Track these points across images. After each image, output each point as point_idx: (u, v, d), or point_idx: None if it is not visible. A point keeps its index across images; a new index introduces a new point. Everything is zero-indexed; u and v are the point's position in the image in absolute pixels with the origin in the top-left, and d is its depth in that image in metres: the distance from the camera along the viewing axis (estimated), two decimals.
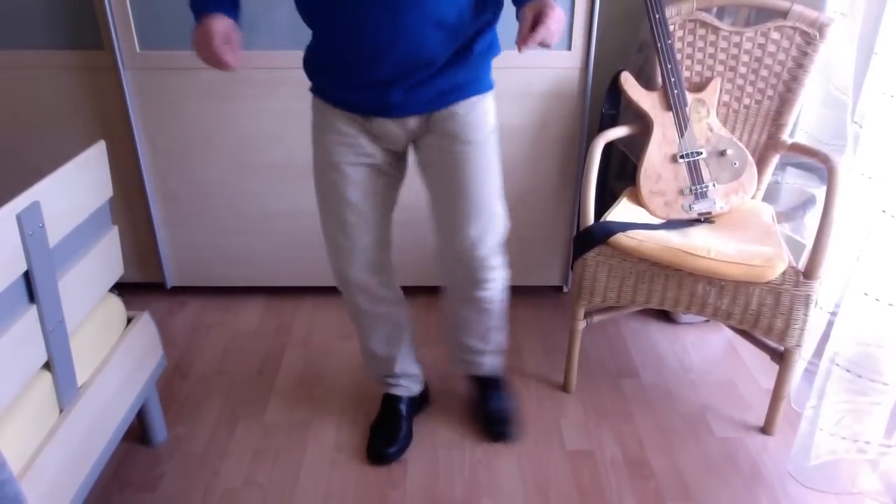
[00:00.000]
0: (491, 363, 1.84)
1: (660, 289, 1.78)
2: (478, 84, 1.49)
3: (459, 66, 1.43)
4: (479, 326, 1.73)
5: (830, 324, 1.77)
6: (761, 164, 1.98)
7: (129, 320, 1.67)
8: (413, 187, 1.69)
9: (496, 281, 1.63)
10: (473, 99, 1.48)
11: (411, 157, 1.60)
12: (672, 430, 1.87)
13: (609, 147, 2.20)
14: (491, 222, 1.54)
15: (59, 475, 1.32)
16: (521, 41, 1.24)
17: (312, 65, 1.49)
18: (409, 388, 1.85)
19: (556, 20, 1.24)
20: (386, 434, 1.78)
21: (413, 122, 1.48)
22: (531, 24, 1.24)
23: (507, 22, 1.49)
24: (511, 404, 1.87)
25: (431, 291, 2.04)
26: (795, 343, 1.71)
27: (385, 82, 1.40)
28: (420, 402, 1.90)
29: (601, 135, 1.94)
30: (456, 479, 1.71)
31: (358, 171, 1.51)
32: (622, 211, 1.88)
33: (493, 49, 1.50)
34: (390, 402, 1.84)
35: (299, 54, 2.13)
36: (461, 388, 1.98)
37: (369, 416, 1.90)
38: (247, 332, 2.27)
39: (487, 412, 1.85)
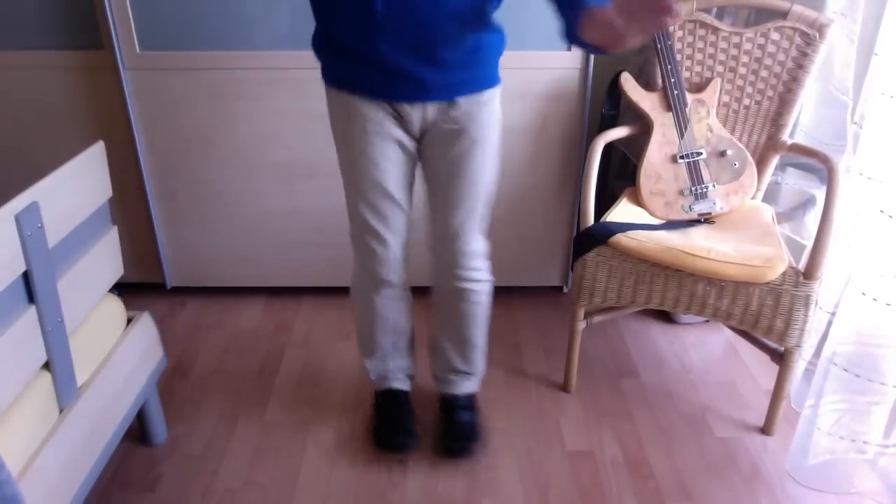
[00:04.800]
0: (467, 387, 1.83)
1: (660, 289, 1.78)
2: (488, 77, 1.50)
3: (471, 59, 1.45)
4: (463, 332, 1.73)
5: (831, 324, 1.77)
6: (761, 164, 1.98)
7: (129, 320, 1.67)
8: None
9: (480, 273, 1.64)
10: (484, 93, 1.49)
11: None
12: (672, 430, 1.87)
13: (609, 147, 2.21)
14: (476, 218, 1.58)
15: (59, 475, 1.32)
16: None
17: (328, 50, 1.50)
18: (405, 381, 1.86)
19: None
20: (399, 423, 1.79)
21: (434, 107, 1.48)
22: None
23: (510, 19, 1.50)
24: (477, 424, 1.81)
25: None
26: (795, 343, 1.71)
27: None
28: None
29: (601, 135, 1.94)
30: (456, 479, 1.71)
31: (391, 155, 1.52)
32: (622, 211, 1.88)
33: (502, 44, 1.51)
34: (395, 395, 1.83)
35: (299, 54, 2.14)
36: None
37: (369, 415, 1.90)
38: (247, 332, 2.28)
39: (450, 426, 1.79)
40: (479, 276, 1.65)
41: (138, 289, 2.42)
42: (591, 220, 1.84)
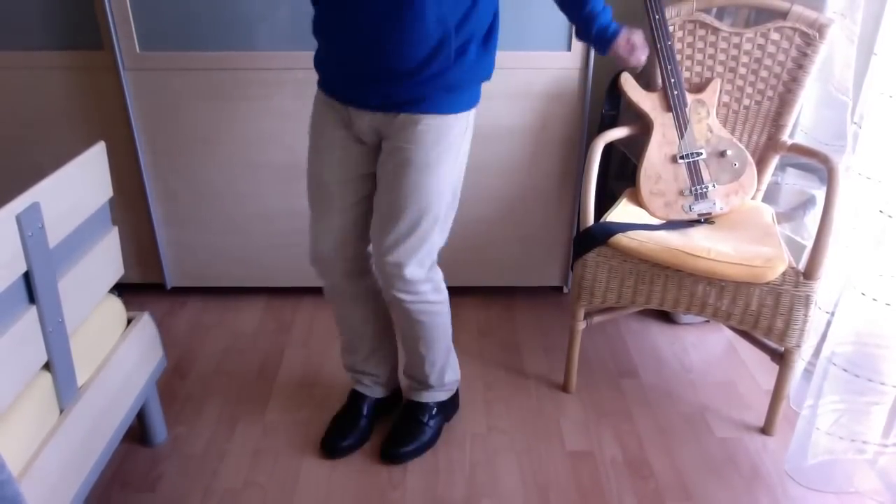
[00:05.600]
0: (425, 396, 1.81)
1: (660, 289, 1.78)
2: (445, 104, 1.46)
3: (431, 79, 1.42)
4: (412, 344, 1.71)
5: (830, 324, 1.77)
6: (761, 164, 1.98)
7: (130, 320, 1.67)
8: None
9: (419, 295, 1.59)
10: (436, 117, 1.46)
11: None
12: (672, 430, 1.87)
13: (609, 148, 2.21)
14: (411, 240, 1.52)
15: (59, 475, 1.32)
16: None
17: (317, 58, 1.56)
18: (370, 388, 1.84)
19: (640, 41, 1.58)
20: (342, 427, 1.79)
21: (377, 118, 1.48)
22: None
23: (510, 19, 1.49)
24: (416, 435, 1.77)
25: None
26: (795, 343, 1.71)
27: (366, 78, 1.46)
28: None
29: (601, 135, 1.94)
30: (456, 479, 1.71)
31: (333, 151, 1.56)
32: (622, 212, 1.89)
33: (475, 73, 1.48)
34: (352, 397, 1.85)
35: (299, 55, 2.14)
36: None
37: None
38: (247, 332, 2.28)
39: (392, 429, 1.79)
40: (418, 295, 1.60)
41: (138, 289, 2.42)
42: (591, 220, 1.84)
